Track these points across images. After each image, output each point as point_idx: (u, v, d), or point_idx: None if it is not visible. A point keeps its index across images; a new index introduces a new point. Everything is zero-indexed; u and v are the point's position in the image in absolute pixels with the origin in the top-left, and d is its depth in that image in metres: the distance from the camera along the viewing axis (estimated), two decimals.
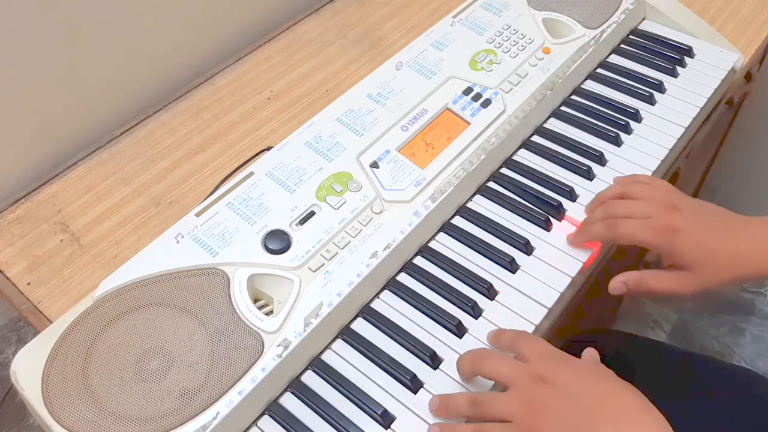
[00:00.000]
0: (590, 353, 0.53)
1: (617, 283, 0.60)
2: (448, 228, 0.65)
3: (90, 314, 0.53)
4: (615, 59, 0.81)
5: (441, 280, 0.61)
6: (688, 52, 0.81)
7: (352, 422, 0.52)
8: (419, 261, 0.62)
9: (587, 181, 0.69)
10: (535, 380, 0.49)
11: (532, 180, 0.69)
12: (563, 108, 0.76)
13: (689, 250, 0.58)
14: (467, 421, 0.52)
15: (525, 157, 0.71)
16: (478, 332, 0.58)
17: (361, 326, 0.58)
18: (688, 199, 0.62)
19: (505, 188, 0.68)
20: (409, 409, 0.53)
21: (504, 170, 0.70)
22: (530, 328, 0.58)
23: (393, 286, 0.60)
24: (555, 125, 0.74)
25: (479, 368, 0.52)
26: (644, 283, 0.59)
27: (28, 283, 0.62)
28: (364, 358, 0.56)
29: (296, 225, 0.59)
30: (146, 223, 0.67)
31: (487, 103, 0.70)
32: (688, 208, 0.60)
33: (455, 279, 0.61)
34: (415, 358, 0.56)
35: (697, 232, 0.58)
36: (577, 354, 0.53)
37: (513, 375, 0.50)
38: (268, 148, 0.71)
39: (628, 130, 0.73)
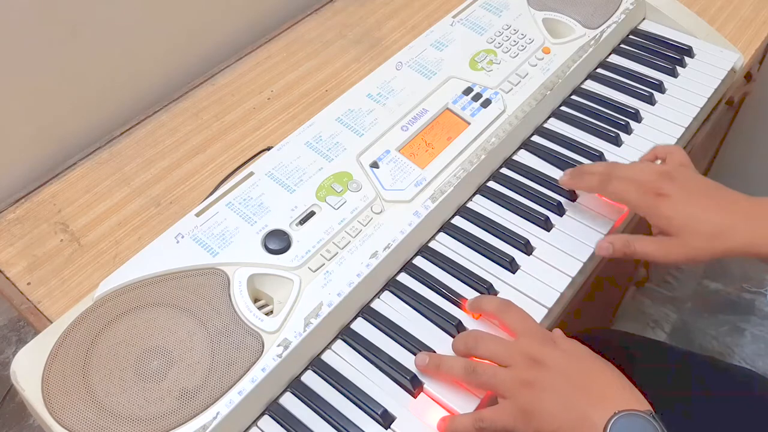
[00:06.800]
0: (558, 332, 0.55)
1: (605, 243, 0.61)
2: (448, 228, 0.65)
3: (90, 314, 0.53)
4: (615, 59, 0.81)
5: (441, 280, 0.61)
6: (688, 52, 0.81)
7: (352, 422, 0.52)
8: (419, 261, 0.62)
9: None
10: (530, 362, 0.51)
11: (532, 180, 0.69)
12: (563, 108, 0.76)
13: (674, 215, 0.58)
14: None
15: (525, 157, 0.71)
16: None
17: (361, 326, 0.58)
18: (692, 173, 0.61)
19: (505, 188, 0.68)
20: (409, 409, 0.53)
21: (504, 170, 0.70)
22: None
23: (393, 286, 0.60)
24: (555, 125, 0.74)
25: (475, 350, 0.54)
26: (630, 246, 0.60)
27: (28, 283, 0.62)
28: (364, 359, 0.56)
29: (296, 225, 0.59)
30: (146, 223, 0.67)
31: (487, 103, 0.70)
32: (684, 178, 0.60)
33: (455, 279, 0.61)
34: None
35: (684, 199, 0.58)
36: None
37: (508, 356, 0.52)
38: (268, 148, 0.71)
39: (628, 130, 0.73)
